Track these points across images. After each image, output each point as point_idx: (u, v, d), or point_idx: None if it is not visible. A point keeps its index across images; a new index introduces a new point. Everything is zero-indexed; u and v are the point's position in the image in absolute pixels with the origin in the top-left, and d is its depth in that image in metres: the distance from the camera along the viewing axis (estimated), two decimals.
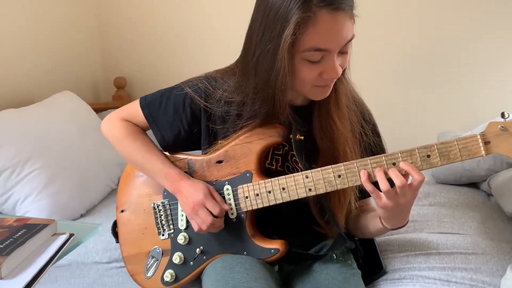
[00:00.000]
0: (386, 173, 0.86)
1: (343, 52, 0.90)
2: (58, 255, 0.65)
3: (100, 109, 2.06)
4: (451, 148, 0.85)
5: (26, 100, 1.77)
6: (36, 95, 1.86)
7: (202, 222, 0.95)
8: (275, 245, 0.99)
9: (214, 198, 0.97)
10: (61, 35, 2.11)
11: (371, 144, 1.04)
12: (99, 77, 2.39)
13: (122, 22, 2.35)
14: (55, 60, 2.06)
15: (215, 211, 0.94)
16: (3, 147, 1.43)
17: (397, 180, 0.83)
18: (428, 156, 0.86)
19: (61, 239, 0.67)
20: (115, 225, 1.13)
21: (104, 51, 2.39)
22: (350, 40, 0.88)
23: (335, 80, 0.93)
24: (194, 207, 0.95)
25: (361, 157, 0.92)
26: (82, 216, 1.50)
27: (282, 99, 0.91)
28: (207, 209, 0.95)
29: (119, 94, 2.22)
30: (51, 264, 0.63)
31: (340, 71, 0.89)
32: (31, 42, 1.94)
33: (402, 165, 0.85)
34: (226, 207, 0.97)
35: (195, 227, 0.97)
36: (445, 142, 0.86)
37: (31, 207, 1.41)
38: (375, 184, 0.87)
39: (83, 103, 1.85)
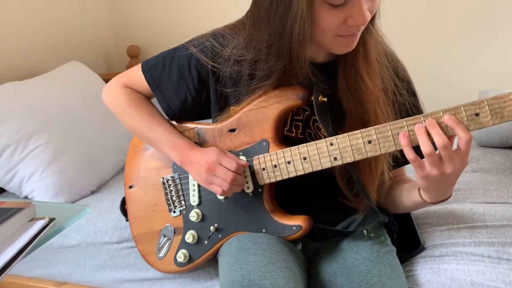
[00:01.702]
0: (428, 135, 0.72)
1: None
2: (34, 243, 0.56)
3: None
4: (506, 104, 0.71)
5: (35, 73, 1.69)
6: (46, 67, 1.78)
7: (222, 181, 0.85)
8: (297, 221, 0.88)
9: (228, 156, 0.87)
10: (70, 2, 2.02)
11: (407, 104, 0.90)
12: (111, 46, 2.30)
13: None
14: (64, 29, 1.98)
15: (233, 166, 0.84)
16: (5, 122, 1.36)
17: (439, 139, 0.70)
18: (477, 114, 0.72)
19: (38, 225, 0.58)
20: (124, 202, 1.05)
21: (116, 18, 2.30)
22: None
23: (362, 28, 0.79)
24: (209, 167, 0.85)
25: (395, 120, 0.79)
26: (92, 193, 1.43)
27: (300, 51, 0.78)
28: (224, 167, 0.85)
29: (133, 64, 2.13)
30: (24, 253, 0.54)
31: (368, 16, 0.75)
32: (38, 11, 1.85)
33: (446, 119, 0.71)
34: (243, 162, 0.86)
35: (218, 191, 0.87)
36: (497, 97, 0.72)
37: (37, 185, 1.35)
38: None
39: (92, 73, 1.76)
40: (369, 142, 0.78)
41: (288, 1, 0.73)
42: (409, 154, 0.73)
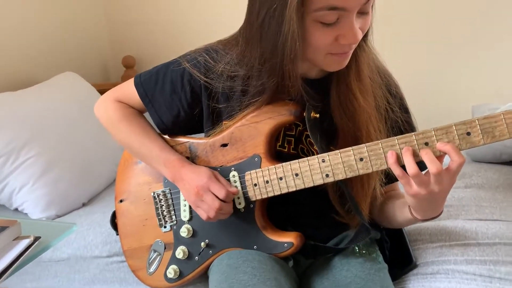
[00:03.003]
0: (416, 156, 0.72)
1: (363, 12, 0.75)
2: (18, 262, 0.55)
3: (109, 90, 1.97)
4: (497, 124, 0.71)
5: (28, 84, 1.67)
6: (40, 77, 1.77)
7: (208, 208, 0.84)
8: (288, 238, 0.88)
9: (219, 182, 0.86)
10: (65, 11, 2.02)
11: (399, 121, 0.90)
12: (107, 57, 2.30)
13: None
14: (59, 39, 1.97)
15: (221, 194, 0.84)
16: None
17: (432, 165, 0.70)
18: (468, 133, 0.72)
19: (23, 244, 0.57)
20: (114, 216, 1.04)
21: (112, 29, 2.29)
22: None
23: (354, 46, 0.79)
24: (198, 192, 0.85)
25: (388, 137, 0.79)
26: (84, 205, 1.42)
27: (292, 69, 0.78)
28: (213, 193, 0.84)
29: (128, 74, 2.12)
30: (9, 272, 0.53)
31: (360, 35, 0.75)
32: (32, 20, 1.84)
33: (440, 146, 0.71)
34: (233, 189, 0.86)
35: (203, 216, 0.86)
36: (489, 116, 0.72)
37: (27, 198, 1.33)
38: (404, 168, 0.73)
39: (86, 84, 1.75)
40: (361, 159, 0.78)
41: (279, 19, 0.73)
42: (396, 170, 0.73)
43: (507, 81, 1.88)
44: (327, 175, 0.81)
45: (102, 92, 1.79)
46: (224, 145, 0.91)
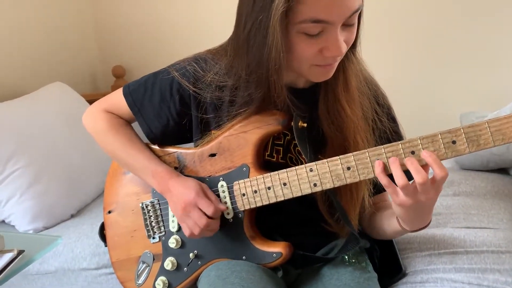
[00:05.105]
0: (402, 165, 0.73)
1: (348, 24, 0.76)
2: (1, 276, 0.54)
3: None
4: (481, 132, 0.72)
5: (16, 94, 1.66)
6: (28, 88, 1.76)
7: (194, 225, 0.84)
8: (277, 248, 0.87)
9: (208, 197, 0.85)
10: (54, 21, 2.01)
11: (387, 131, 0.91)
12: (97, 67, 2.29)
13: (118, 7, 2.24)
14: (48, 49, 1.96)
15: (209, 211, 0.83)
16: None
17: (418, 175, 0.70)
18: (454, 142, 0.73)
19: (6, 257, 0.56)
20: (102, 228, 1.03)
21: (101, 38, 2.29)
22: (357, 11, 0.74)
23: (339, 59, 0.80)
24: (185, 207, 0.84)
25: (375, 146, 0.79)
26: (72, 216, 1.41)
27: (277, 80, 0.78)
28: (200, 210, 0.84)
29: (118, 84, 2.12)
30: None
31: (344, 48, 0.76)
32: (20, 30, 1.84)
33: (424, 155, 0.71)
34: (222, 206, 0.85)
35: (186, 232, 0.86)
36: (473, 125, 0.72)
37: (14, 210, 1.32)
38: (391, 177, 0.73)
39: (75, 94, 1.75)
40: (348, 168, 0.78)
41: (264, 31, 0.73)
42: (383, 180, 0.73)
43: (495, 89, 1.90)
44: (315, 184, 0.81)
45: (91, 102, 1.78)
46: (213, 155, 0.91)
